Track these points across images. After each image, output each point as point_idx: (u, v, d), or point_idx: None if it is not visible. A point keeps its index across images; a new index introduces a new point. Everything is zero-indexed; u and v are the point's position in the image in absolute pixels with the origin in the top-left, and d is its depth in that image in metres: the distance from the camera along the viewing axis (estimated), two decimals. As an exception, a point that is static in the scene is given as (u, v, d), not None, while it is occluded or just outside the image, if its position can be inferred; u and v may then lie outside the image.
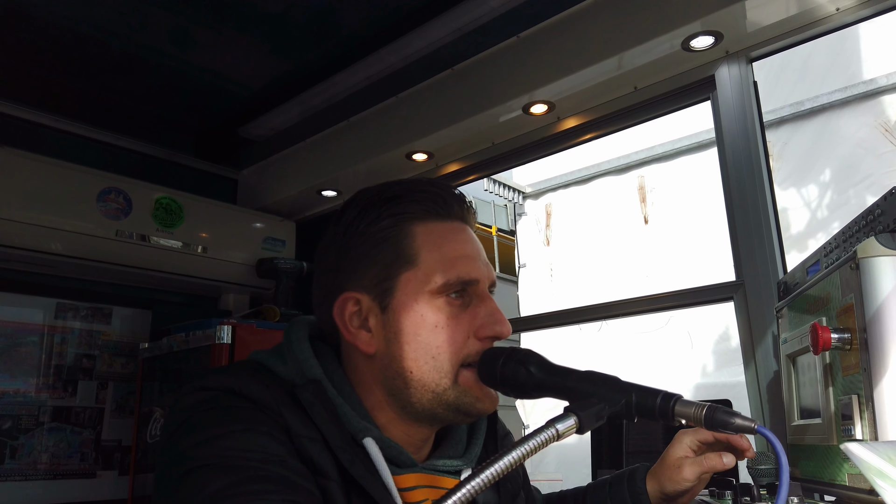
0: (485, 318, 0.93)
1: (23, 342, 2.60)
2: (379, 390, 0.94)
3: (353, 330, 0.94)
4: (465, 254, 0.95)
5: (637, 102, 2.13)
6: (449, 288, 0.92)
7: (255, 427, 0.81)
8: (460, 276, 0.93)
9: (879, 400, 0.96)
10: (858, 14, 1.71)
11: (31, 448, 2.54)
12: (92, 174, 2.49)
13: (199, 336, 2.44)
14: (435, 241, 0.94)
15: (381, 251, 0.94)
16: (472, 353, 0.93)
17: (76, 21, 2.20)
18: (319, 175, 2.80)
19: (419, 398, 0.92)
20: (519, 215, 6.85)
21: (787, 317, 1.44)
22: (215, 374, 0.88)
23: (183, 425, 0.83)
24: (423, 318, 0.91)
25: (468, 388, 0.93)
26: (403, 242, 0.93)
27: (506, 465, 0.69)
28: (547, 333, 5.10)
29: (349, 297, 0.95)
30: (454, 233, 0.97)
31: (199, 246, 2.76)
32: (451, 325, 0.92)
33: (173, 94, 2.72)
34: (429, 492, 0.94)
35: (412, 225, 0.95)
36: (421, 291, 0.92)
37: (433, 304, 0.92)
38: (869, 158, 4.61)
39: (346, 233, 0.97)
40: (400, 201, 0.95)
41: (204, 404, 0.85)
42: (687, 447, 1.10)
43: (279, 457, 0.80)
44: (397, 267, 0.93)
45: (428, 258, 0.93)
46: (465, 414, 0.94)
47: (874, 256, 0.99)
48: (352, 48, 2.37)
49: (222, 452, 0.78)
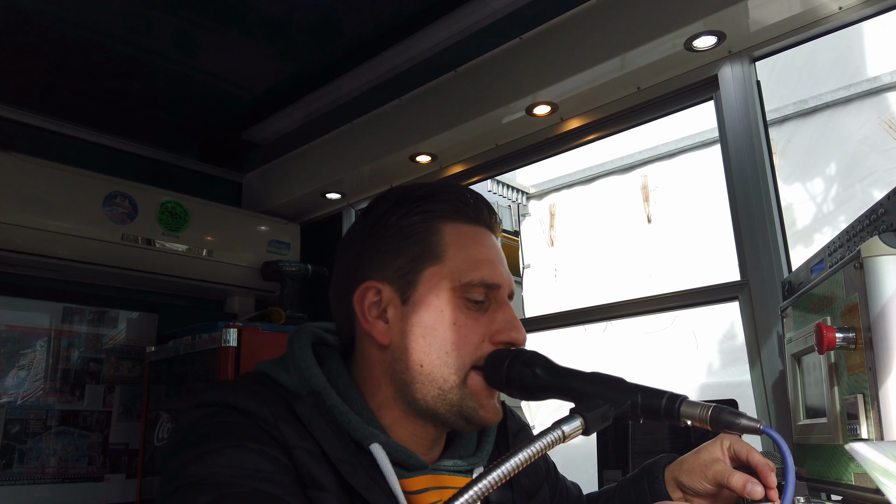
0: (502, 324, 0.94)
1: (30, 347, 2.61)
2: (387, 385, 0.95)
3: (370, 319, 0.95)
4: (490, 258, 0.97)
5: (640, 103, 2.13)
6: (471, 288, 0.93)
7: (244, 443, 0.82)
8: (484, 278, 0.94)
9: (885, 399, 0.96)
10: (861, 13, 1.71)
11: (39, 452, 2.55)
12: (97, 179, 2.50)
13: (205, 339, 2.45)
14: (462, 242, 0.96)
15: (408, 244, 0.95)
16: (485, 356, 0.93)
17: (81, 26, 2.21)
18: (324, 178, 2.80)
19: (424, 394, 0.93)
20: (523, 216, 6.85)
21: (792, 316, 1.44)
22: (215, 388, 0.89)
23: (178, 444, 0.85)
24: (443, 314, 0.92)
25: (474, 392, 0.93)
26: (432, 238, 0.95)
27: (513, 466, 0.70)
28: (552, 334, 5.09)
29: (371, 287, 0.96)
30: (481, 237, 0.98)
31: (204, 249, 2.77)
32: (469, 325, 0.93)
33: (177, 98, 2.73)
34: (440, 493, 0.94)
35: (441, 223, 0.96)
36: (444, 288, 0.93)
37: (454, 301, 0.93)
38: (873, 155, 4.60)
39: (375, 224, 0.98)
40: (431, 199, 0.97)
41: (200, 421, 0.86)
42: (724, 450, 1.00)
43: (265, 473, 0.81)
44: (423, 261, 0.94)
45: (454, 256, 0.94)
46: (466, 420, 0.94)
47: (878, 255, 0.99)
48: (355, 51, 2.38)
49: (209, 469, 0.79)
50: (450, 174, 2.65)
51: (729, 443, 1.00)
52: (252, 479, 0.79)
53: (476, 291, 0.94)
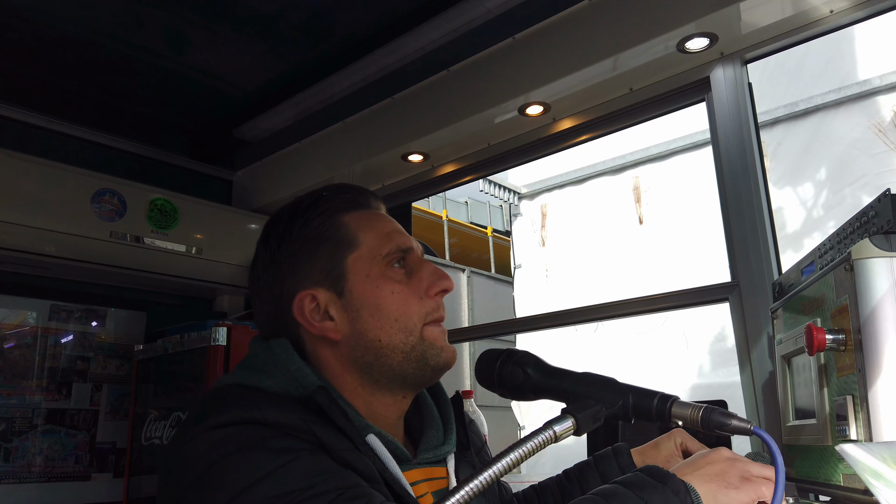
0: (431, 278, 1.01)
1: (17, 344, 2.59)
2: (349, 375, 0.98)
3: (317, 324, 0.98)
4: (396, 229, 1.04)
5: (632, 104, 2.14)
6: (392, 257, 1.00)
7: (299, 453, 0.78)
8: (399, 244, 1.01)
9: (874, 400, 0.97)
10: (853, 16, 1.72)
11: (26, 451, 2.53)
12: (86, 175, 2.48)
13: (194, 338, 2.43)
14: (366, 224, 1.02)
15: (320, 246, 1.00)
16: (430, 309, 1.00)
17: (70, 22, 2.19)
18: (315, 176, 2.79)
19: (391, 364, 0.97)
20: (514, 216, 6.85)
21: (783, 318, 1.45)
22: (220, 407, 0.83)
23: (207, 477, 0.77)
24: (379, 289, 0.98)
25: (433, 340, 0.99)
26: (340, 232, 1.00)
27: (504, 467, 0.71)
28: (543, 334, 5.10)
29: (304, 296, 0.98)
30: (378, 216, 1.06)
31: (193, 247, 2.75)
32: (403, 289, 0.99)
33: (168, 95, 2.71)
34: (430, 485, 0.97)
35: (341, 216, 1.02)
36: (370, 266, 0.99)
37: (384, 274, 0.99)
38: (863, 158, 4.62)
39: (280, 243, 1.01)
40: (323, 201, 1.03)
41: (223, 444, 0.78)
42: (677, 446, 1.14)
43: (335, 469, 0.80)
44: (341, 253, 0.99)
45: (366, 238, 1.01)
46: (432, 368, 1.00)
47: (868, 258, 1.00)
48: (347, 49, 2.37)
49: (285, 486, 0.75)
50: (442, 173, 2.65)
51: (681, 440, 1.12)
52: (335, 480, 0.77)
53: (395, 258, 1.00)
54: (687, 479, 0.82)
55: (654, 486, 0.78)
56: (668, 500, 0.77)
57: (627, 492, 0.78)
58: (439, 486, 1.00)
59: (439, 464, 1.02)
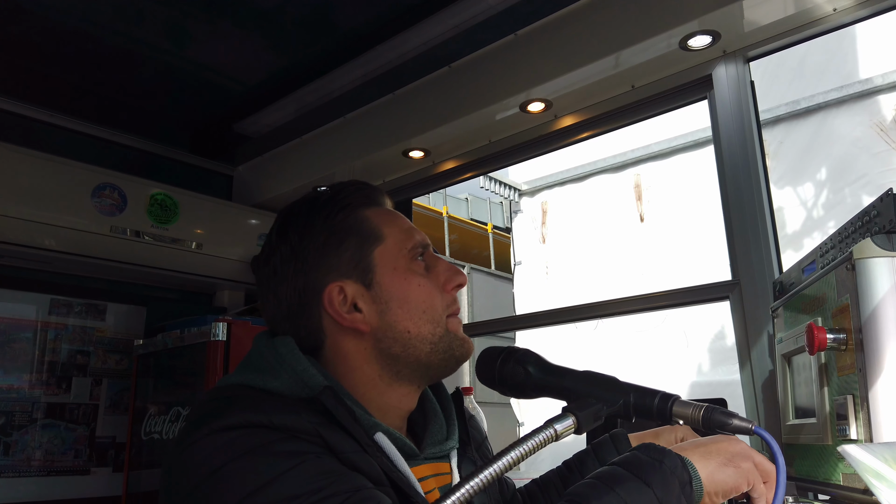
0: (447, 273, 1.04)
1: (16, 338, 2.59)
2: (370, 367, 0.98)
3: (347, 315, 0.98)
4: (413, 226, 1.07)
5: (634, 101, 2.13)
6: (415, 251, 1.03)
7: (305, 456, 0.78)
8: (420, 241, 1.04)
9: (874, 400, 0.97)
10: (856, 14, 1.71)
11: (25, 445, 2.53)
12: (86, 170, 2.48)
13: (194, 333, 2.43)
14: (387, 220, 1.05)
15: (345, 238, 1.00)
16: (449, 303, 1.03)
17: (70, 15, 2.18)
18: (315, 172, 2.79)
19: (417, 354, 0.98)
20: (515, 213, 6.85)
21: (783, 317, 1.45)
22: (224, 409, 0.81)
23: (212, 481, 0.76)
24: (407, 280, 1.00)
25: (455, 332, 1.02)
26: (364, 225, 1.02)
27: (505, 464, 0.71)
28: (543, 331, 5.10)
29: (333, 288, 0.98)
30: (394, 213, 1.08)
31: (194, 242, 2.75)
32: (426, 282, 1.02)
33: (168, 89, 2.71)
34: (438, 480, 0.98)
35: (362, 211, 1.04)
36: (396, 259, 1.01)
37: (409, 268, 1.01)
38: (864, 157, 4.62)
39: (301, 239, 1.00)
40: (343, 196, 1.04)
41: (228, 448, 0.77)
42: (677, 440, 1.14)
43: (343, 471, 0.79)
44: (368, 246, 1.01)
45: (390, 232, 1.03)
46: (455, 359, 1.02)
47: (870, 257, 1.00)
48: (348, 45, 2.36)
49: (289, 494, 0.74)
50: (443, 170, 2.65)
51: (682, 434, 1.13)
52: (343, 482, 0.77)
53: (419, 253, 1.03)
54: (685, 453, 0.82)
55: (651, 464, 0.79)
56: (665, 478, 0.77)
57: (624, 472, 0.78)
58: (445, 482, 1.00)
59: (444, 459, 1.02)
